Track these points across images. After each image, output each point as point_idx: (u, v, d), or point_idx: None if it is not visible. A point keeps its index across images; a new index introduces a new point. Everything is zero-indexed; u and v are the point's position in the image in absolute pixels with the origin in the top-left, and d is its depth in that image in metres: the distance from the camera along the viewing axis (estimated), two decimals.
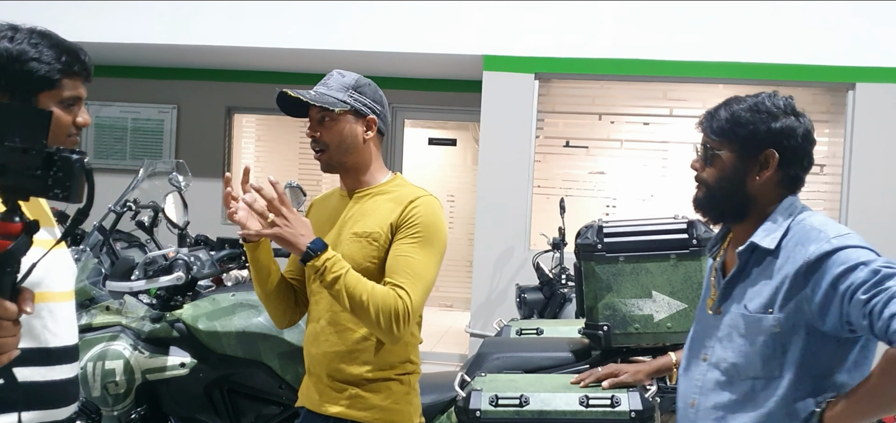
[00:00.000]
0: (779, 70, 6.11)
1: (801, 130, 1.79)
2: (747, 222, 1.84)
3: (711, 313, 1.89)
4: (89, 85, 1.80)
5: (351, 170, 2.17)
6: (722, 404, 1.81)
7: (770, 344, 1.73)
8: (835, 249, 1.65)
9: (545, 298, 5.08)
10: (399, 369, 2.14)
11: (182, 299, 3.01)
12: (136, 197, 3.30)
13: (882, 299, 1.54)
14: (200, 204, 7.39)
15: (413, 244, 2.04)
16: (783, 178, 1.80)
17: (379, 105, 2.18)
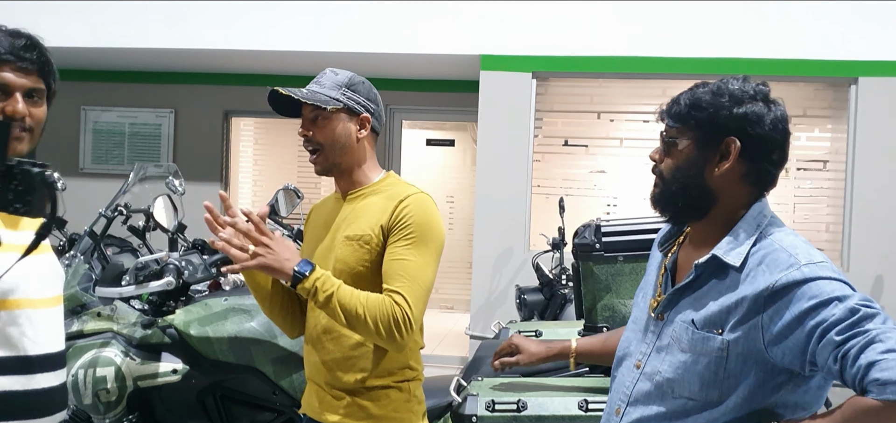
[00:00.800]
0: (779, 65, 6.06)
1: (769, 118, 1.59)
2: (708, 222, 1.65)
3: (653, 317, 1.71)
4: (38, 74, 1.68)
5: (345, 171, 2.13)
6: (648, 417, 1.64)
7: (712, 368, 1.54)
8: (806, 279, 1.47)
9: (545, 299, 5.03)
10: (397, 375, 2.09)
11: (174, 304, 2.96)
12: (127, 201, 3.25)
13: (859, 342, 1.39)
14: (198, 208, 7.33)
15: (407, 246, 1.99)
16: (748, 172, 1.60)
17: (373, 103, 2.13)
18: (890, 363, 1.34)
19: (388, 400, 2.06)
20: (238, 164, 8.37)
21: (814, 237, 6.30)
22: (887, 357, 1.35)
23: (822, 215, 6.29)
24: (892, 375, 1.33)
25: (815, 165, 6.35)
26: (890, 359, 1.35)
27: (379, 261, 2.02)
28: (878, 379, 1.35)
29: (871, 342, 1.38)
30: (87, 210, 5.83)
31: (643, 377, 1.68)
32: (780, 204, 6.34)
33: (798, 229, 6.26)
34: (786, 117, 1.63)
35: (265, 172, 8.55)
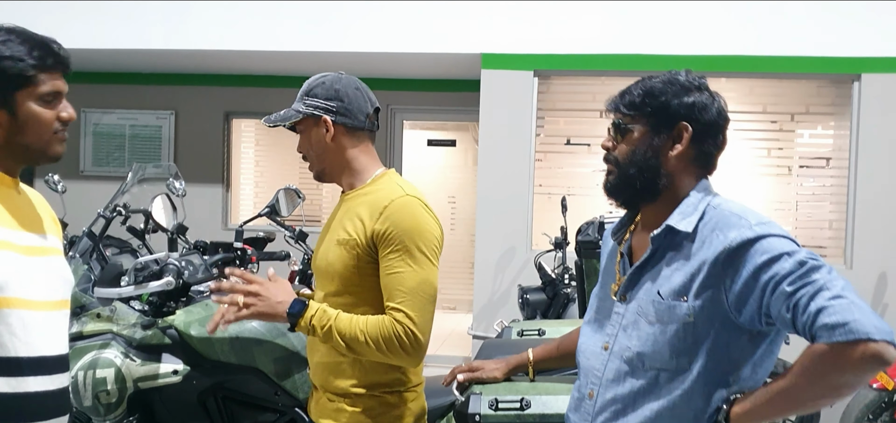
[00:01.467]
0: (781, 62, 6.03)
1: (714, 106, 1.74)
2: (658, 205, 1.76)
3: (616, 300, 1.80)
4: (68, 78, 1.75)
5: (334, 174, 2.13)
6: (622, 395, 1.72)
7: (682, 334, 1.64)
8: (757, 236, 1.58)
9: (548, 298, 5.01)
10: (387, 385, 2.05)
11: (175, 304, 2.94)
12: (126, 202, 3.23)
13: (808, 290, 1.49)
14: (200, 209, 7.33)
15: (398, 258, 1.95)
16: (697, 155, 1.75)
17: (333, 100, 2.06)
18: (836, 308, 1.45)
19: (376, 409, 2.03)
20: (239, 165, 8.35)
21: (817, 235, 6.27)
22: (833, 303, 1.45)
23: (826, 213, 6.27)
24: (839, 318, 1.44)
25: (817, 162, 6.32)
26: (836, 304, 1.45)
27: (365, 265, 1.99)
28: (826, 324, 1.45)
29: (820, 291, 1.48)
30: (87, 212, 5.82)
31: (613, 357, 1.76)
32: (783, 203, 6.32)
33: (801, 228, 6.26)
34: (724, 107, 1.78)
35: (267, 173, 8.53)
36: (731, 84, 6.33)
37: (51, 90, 1.67)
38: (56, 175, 4.77)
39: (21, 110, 1.63)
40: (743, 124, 6.30)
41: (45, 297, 1.67)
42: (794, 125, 6.32)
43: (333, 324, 1.92)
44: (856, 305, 1.45)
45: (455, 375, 2.35)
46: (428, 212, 2.02)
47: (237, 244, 3.25)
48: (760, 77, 6.20)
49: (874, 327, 1.42)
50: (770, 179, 6.33)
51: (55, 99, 1.69)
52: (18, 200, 1.70)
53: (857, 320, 1.43)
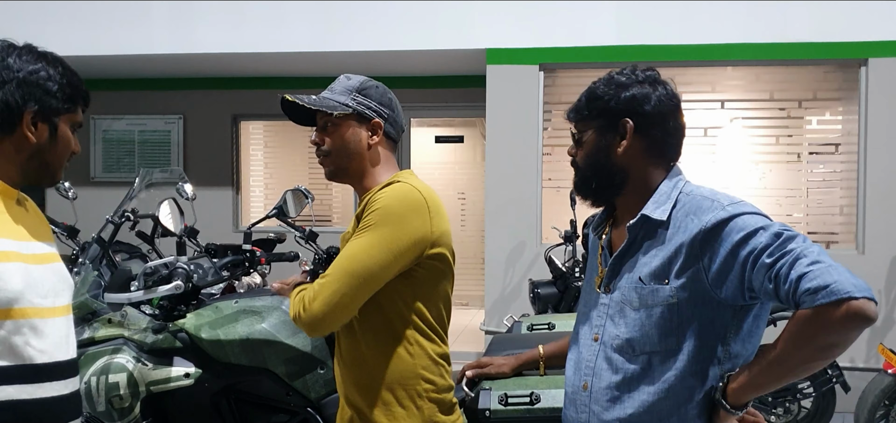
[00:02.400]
0: (788, 49, 6.00)
1: (655, 96, 1.79)
2: (628, 198, 1.84)
3: (600, 292, 1.87)
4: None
5: (354, 177, 2.06)
6: (616, 383, 1.77)
7: (667, 315, 1.71)
8: (731, 216, 1.65)
9: (559, 292, 5.01)
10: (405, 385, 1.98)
11: (185, 308, 2.96)
12: (134, 207, 3.25)
13: (787, 260, 1.55)
14: (210, 213, 7.36)
15: (358, 234, 1.91)
16: (648, 145, 1.81)
17: (387, 108, 2.05)
18: (816, 272, 1.50)
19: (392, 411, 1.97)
20: (248, 167, 8.38)
21: (828, 221, 6.24)
22: (813, 268, 1.51)
23: (836, 199, 6.23)
24: (820, 282, 1.49)
25: (826, 148, 6.29)
26: (816, 269, 1.51)
27: None
28: (808, 288, 1.50)
29: (798, 259, 1.53)
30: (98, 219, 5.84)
31: (603, 346, 1.81)
32: (793, 190, 6.29)
33: (812, 215, 6.23)
34: (671, 94, 1.82)
35: (276, 174, 8.55)
36: (737, 72, 6.30)
37: (78, 121, 1.81)
38: (67, 182, 4.81)
39: (60, 131, 1.74)
40: (750, 112, 6.27)
41: (53, 303, 1.71)
42: (802, 112, 6.28)
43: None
44: (834, 267, 1.50)
45: (465, 371, 2.36)
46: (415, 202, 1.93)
47: (246, 246, 3.26)
48: (767, 64, 6.17)
49: (854, 286, 1.48)
50: (779, 167, 6.30)
51: (76, 130, 1.81)
52: (20, 210, 1.76)
53: (837, 281, 1.48)
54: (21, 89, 1.67)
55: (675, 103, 1.83)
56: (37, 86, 1.69)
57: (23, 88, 1.67)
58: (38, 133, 1.70)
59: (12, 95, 1.67)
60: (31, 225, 1.75)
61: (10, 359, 1.62)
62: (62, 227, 4.82)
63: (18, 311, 1.62)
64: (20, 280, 1.62)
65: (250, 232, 3.42)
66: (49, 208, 7.84)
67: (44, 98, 1.70)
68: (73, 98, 1.76)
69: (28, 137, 1.69)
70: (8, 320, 1.61)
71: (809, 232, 6.25)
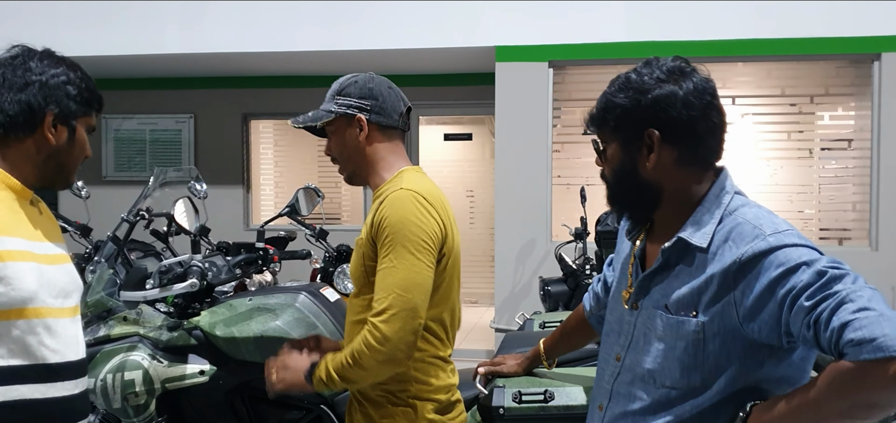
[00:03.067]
0: (799, 44, 5.98)
1: (681, 95, 1.53)
2: (664, 211, 1.62)
3: (627, 308, 1.68)
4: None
5: (364, 174, 2.08)
6: (632, 411, 1.60)
7: (691, 351, 1.51)
8: (772, 248, 1.43)
9: (570, 289, 5.00)
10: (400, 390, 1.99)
11: (199, 306, 2.97)
12: (149, 206, 3.27)
13: (830, 304, 1.33)
14: (221, 211, 7.39)
15: (385, 255, 1.90)
16: (681, 154, 1.56)
17: (368, 99, 2.03)
18: (863, 322, 1.29)
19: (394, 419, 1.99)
20: (259, 166, 8.41)
21: (841, 217, 6.22)
22: (859, 316, 1.30)
23: (849, 195, 6.21)
24: (866, 333, 1.28)
25: (839, 144, 6.27)
26: (862, 318, 1.30)
27: (369, 263, 1.96)
28: (852, 340, 1.30)
29: (842, 303, 1.33)
30: (111, 218, 5.87)
31: (624, 370, 1.65)
32: (805, 186, 6.27)
33: (824, 211, 6.21)
34: (702, 87, 1.56)
35: (286, 173, 8.58)
36: (748, 68, 6.29)
37: (93, 126, 1.85)
38: (80, 182, 4.84)
39: (77, 134, 1.80)
40: (762, 108, 6.26)
41: (64, 304, 1.74)
42: (813, 107, 6.26)
43: (329, 367, 1.94)
44: (885, 317, 1.29)
45: (478, 369, 2.37)
46: (422, 206, 1.92)
47: (259, 245, 3.27)
48: (778, 60, 6.15)
49: None
50: (791, 163, 6.28)
51: (89, 135, 1.85)
52: (33, 211, 1.79)
53: (887, 334, 1.27)
54: (43, 92, 1.72)
55: (708, 98, 1.55)
56: (58, 89, 1.74)
57: (45, 91, 1.72)
58: (57, 135, 1.75)
59: (35, 98, 1.71)
60: (44, 226, 1.78)
61: (23, 358, 1.64)
62: (75, 226, 4.85)
63: (32, 310, 1.64)
64: (34, 280, 1.64)
65: (263, 230, 3.44)
66: (62, 207, 7.89)
67: (64, 101, 1.74)
68: (90, 102, 1.80)
69: (48, 138, 1.73)
70: (22, 319, 1.63)
71: (821, 229, 6.23)
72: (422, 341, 1.99)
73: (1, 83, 1.71)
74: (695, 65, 1.60)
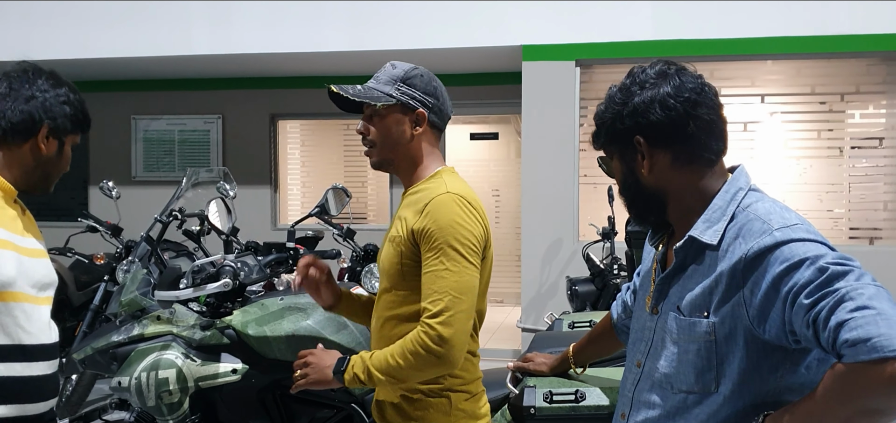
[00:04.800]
0: (829, 42, 5.91)
1: (658, 99, 1.53)
2: (676, 214, 1.61)
3: (648, 313, 1.66)
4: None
5: (400, 167, 2.06)
6: (651, 418, 1.58)
7: (704, 354, 1.49)
8: (777, 243, 1.39)
9: (597, 289, 4.99)
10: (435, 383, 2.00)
11: (231, 305, 3.01)
12: (181, 206, 3.31)
13: (829, 302, 1.28)
14: (249, 211, 7.46)
15: (434, 256, 1.90)
16: (675, 156, 1.55)
17: (431, 97, 2.03)
18: (859, 321, 1.24)
19: (428, 413, 2.00)
20: (286, 166, 8.47)
21: (871, 217, 6.14)
22: (856, 315, 1.25)
23: (880, 194, 6.13)
24: (861, 333, 1.23)
25: (870, 142, 6.18)
26: (859, 317, 1.25)
27: (408, 262, 1.96)
28: (847, 340, 1.25)
29: (841, 301, 1.27)
30: (140, 218, 5.95)
31: (644, 377, 1.64)
32: (835, 185, 6.19)
33: (854, 210, 6.14)
34: (681, 87, 1.54)
35: (313, 173, 8.63)
36: (777, 66, 6.23)
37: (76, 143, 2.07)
38: (110, 182, 4.90)
39: (65, 149, 2.03)
40: (791, 106, 6.20)
41: (40, 293, 1.96)
42: (844, 105, 6.19)
43: (369, 365, 1.92)
44: (883, 316, 1.23)
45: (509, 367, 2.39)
46: (468, 210, 1.94)
47: (290, 244, 3.31)
48: (807, 58, 6.09)
49: None
50: (821, 162, 6.21)
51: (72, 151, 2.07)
52: (17, 208, 2.00)
53: (882, 334, 1.22)
54: (43, 107, 1.95)
55: (690, 96, 1.53)
56: (57, 107, 1.97)
57: (46, 107, 1.95)
58: (48, 146, 1.98)
59: (36, 110, 1.94)
60: (27, 224, 2.00)
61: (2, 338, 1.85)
62: (106, 226, 4.91)
63: (10, 294, 1.85)
64: (14, 267, 1.85)
65: (294, 230, 3.47)
66: (92, 208, 8.01)
67: (60, 118, 1.97)
68: (81, 123, 2.04)
69: (40, 148, 1.97)
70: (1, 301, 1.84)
71: (851, 228, 6.16)
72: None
73: (8, 93, 1.94)
74: (683, 65, 1.59)
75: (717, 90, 1.61)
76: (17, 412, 1.87)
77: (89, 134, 2.13)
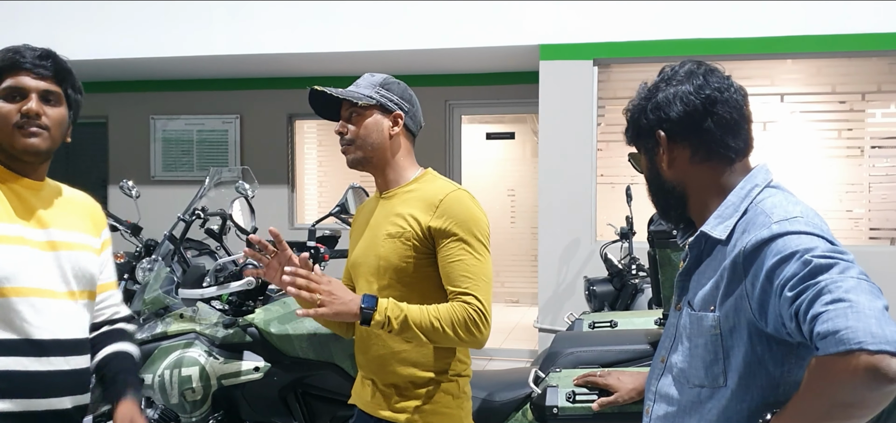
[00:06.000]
0: (849, 40, 5.86)
1: (680, 95, 1.58)
2: (696, 211, 1.65)
3: (674, 309, 1.70)
4: (53, 80, 1.88)
5: (378, 167, 2.18)
6: (670, 414, 1.61)
7: (711, 347, 1.51)
8: (774, 235, 1.40)
9: (615, 289, 4.98)
10: (447, 370, 2.13)
11: (253, 303, 3.03)
12: (204, 205, 3.34)
13: (808, 296, 1.29)
14: (267, 210, 7.49)
15: (459, 247, 2.04)
16: (694, 151, 1.59)
17: (407, 102, 2.19)
18: (830, 314, 1.24)
19: (439, 396, 2.11)
20: (303, 166, 8.50)
21: (892, 217, 6.09)
22: (830, 308, 1.25)
23: None
24: (830, 326, 1.24)
25: (890, 142, 6.14)
26: (831, 310, 1.25)
27: (422, 257, 2.07)
28: (819, 333, 1.25)
29: (820, 295, 1.27)
30: (160, 216, 5.99)
31: (666, 372, 1.67)
32: (855, 185, 6.15)
33: (875, 210, 6.09)
34: (702, 85, 1.58)
35: (330, 172, 8.66)
36: (797, 65, 6.19)
37: (10, 86, 1.83)
38: (130, 181, 4.94)
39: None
40: (811, 106, 6.16)
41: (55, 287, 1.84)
42: (864, 105, 6.14)
43: (408, 316, 1.97)
44: (854, 308, 1.24)
45: (587, 378, 2.28)
46: (477, 204, 2.12)
47: (310, 243, 3.32)
48: (827, 57, 6.05)
49: (870, 335, 1.21)
50: (841, 162, 6.17)
51: (16, 95, 1.83)
52: (36, 200, 1.88)
53: (850, 327, 1.22)
54: None
55: (711, 94, 1.57)
56: None
57: None
58: None
59: None
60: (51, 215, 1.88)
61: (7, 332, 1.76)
62: (126, 225, 4.95)
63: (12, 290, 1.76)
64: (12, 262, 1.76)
65: (314, 229, 3.49)
66: (112, 207, 8.07)
67: None
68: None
69: None
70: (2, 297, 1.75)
71: (871, 229, 6.11)
72: None
73: None
74: (713, 66, 1.63)
75: (746, 92, 1.64)
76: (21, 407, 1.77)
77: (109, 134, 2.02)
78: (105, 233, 2.05)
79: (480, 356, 6.68)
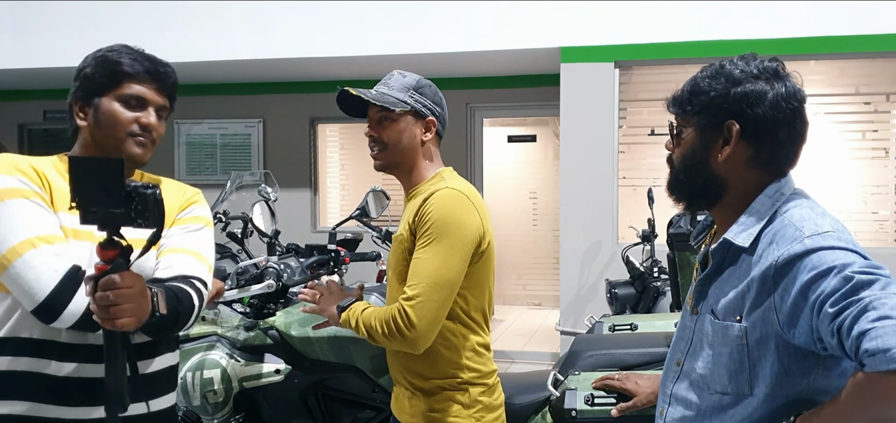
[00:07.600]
0: (873, 41, 5.79)
1: (771, 95, 1.51)
2: (722, 209, 1.61)
3: (689, 312, 1.68)
4: (167, 96, 1.91)
5: (404, 171, 2.18)
6: (687, 418, 1.61)
7: (736, 357, 1.51)
8: (807, 250, 1.40)
9: (637, 292, 4.96)
10: (452, 377, 2.09)
11: (274, 306, 3.05)
12: (225, 209, 3.37)
13: (853, 312, 1.29)
14: (290, 213, 7.55)
15: (424, 246, 2.00)
16: (755, 154, 1.54)
17: (439, 107, 2.17)
18: (880, 331, 1.25)
19: (447, 405, 2.08)
20: (325, 169, 8.55)
21: None
22: (877, 325, 1.26)
23: None
24: (880, 344, 1.24)
25: None
26: (880, 327, 1.25)
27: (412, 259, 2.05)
28: (867, 350, 1.26)
29: (865, 311, 1.28)
30: None
31: (682, 376, 1.66)
32: (880, 187, 6.08)
33: None
34: (794, 93, 1.54)
35: (352, 176, 8.71)
36: (820, 66, 6.13)
37: (132, 94, 1.84)
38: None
39: (103, 109, 1.84)
40: (835, 107, 6.09)
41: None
42: (889, 106, 6.07)
43: (359, 318, 2.06)
44: None
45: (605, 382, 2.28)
46: (464, 205, 2.03)
47: (331, 246, 3.35)
48: (851, 57, 5.98)
49: None
50: (865, 163, 6.09)
51: (138, 105, 1.86)
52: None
53: None
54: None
55: (796, 105, 1.54)
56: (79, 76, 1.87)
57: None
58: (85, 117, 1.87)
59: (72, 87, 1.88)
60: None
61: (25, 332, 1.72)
62: None
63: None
64: (84, 261, 1.70)
65: (335, 232, 3.52)
66: None
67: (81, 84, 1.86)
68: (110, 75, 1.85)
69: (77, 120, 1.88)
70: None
71: None
72: (469, 330, 2.11)
73: None
74: (789, 71, 1.59)
75: None
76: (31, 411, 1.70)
77: None
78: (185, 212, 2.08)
79: (503, 360, 6.68)
